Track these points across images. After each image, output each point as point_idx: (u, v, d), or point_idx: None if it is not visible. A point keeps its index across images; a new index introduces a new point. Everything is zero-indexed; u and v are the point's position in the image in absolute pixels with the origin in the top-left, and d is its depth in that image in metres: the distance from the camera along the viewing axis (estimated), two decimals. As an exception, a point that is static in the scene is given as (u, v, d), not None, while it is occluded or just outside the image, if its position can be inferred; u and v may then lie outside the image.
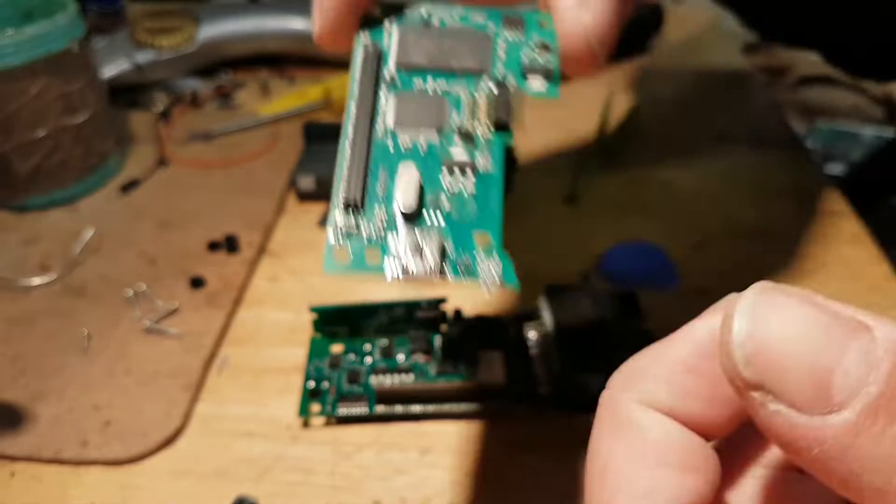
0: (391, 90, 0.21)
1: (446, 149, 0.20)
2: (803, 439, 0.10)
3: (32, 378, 0.32)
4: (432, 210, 0.19)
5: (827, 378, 0.10)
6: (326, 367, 0.32)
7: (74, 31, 0.41)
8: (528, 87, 0.21)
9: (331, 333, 0.33)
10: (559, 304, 0.32)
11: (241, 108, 0.56)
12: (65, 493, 0.28)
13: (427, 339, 0.32)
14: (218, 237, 0.40)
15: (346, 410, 0.30)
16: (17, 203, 0.43)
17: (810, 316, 0.10)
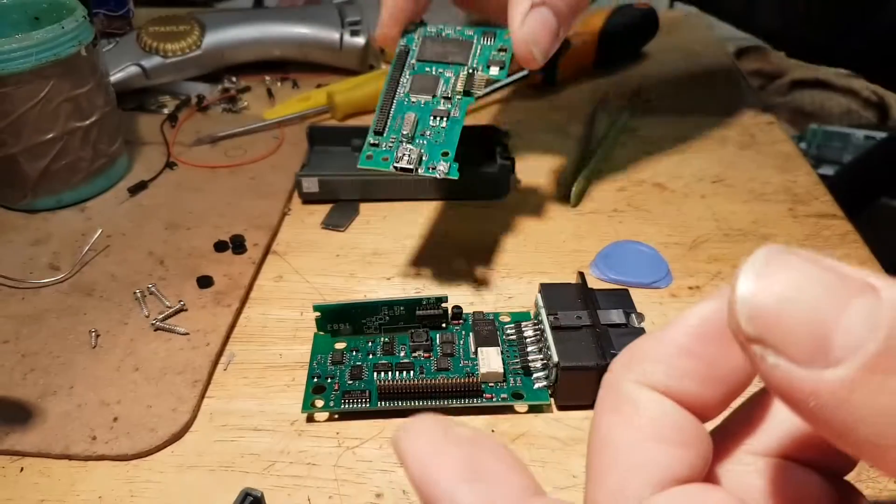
0: (410, 73, 0.36)
1: (436, 105, 0.35)
2: (801, 392, 0.11)
3: (42, 375, 0.33)
4: (420, 137, 0.34)
5: (826, 334, 0.10)
6: (330, 364, 0.32)
7: (82, 35, 0.42)
8: (488, 72, 0.36)
9: (334, 331, 0.34)
10: (554, 301, 0.32)
11: (246, 111, 0.56)
12: (73, 488, 0.28)
13: (428, 336, 0.33)
14: (224, 238, 0.41)
15: (348, 406, 0.30)
16: (27, 204, 0.44)
17: (813, 274, 0.11)
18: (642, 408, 0.13)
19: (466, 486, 0.12)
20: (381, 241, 0.42)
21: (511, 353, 0.32)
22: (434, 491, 0.12)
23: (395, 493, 0.28)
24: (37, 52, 0.40)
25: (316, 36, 0.59)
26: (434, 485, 0.12)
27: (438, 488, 0.12)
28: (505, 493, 0.12)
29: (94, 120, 0.44)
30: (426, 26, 0.38)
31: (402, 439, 0.13)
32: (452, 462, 0.13)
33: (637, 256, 0.39)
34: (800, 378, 0.11)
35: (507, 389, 0.31)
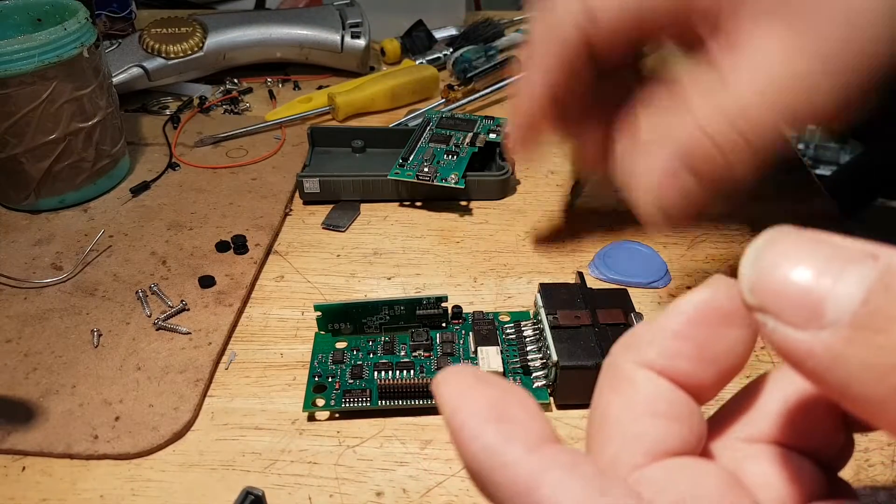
0: (430, 133, 0.48)
1: (448, 148, 0.46)
2: (799, 353, 0.12)
3: (44, 374, 0.33)
4: (436, 163, 0.44)
5: (820, 299, 0.11)
6: (330, 363, 0.33)
7: (85, 37, 0.42)
8: (488, 134, 0.47)
9: (335, 330, 0.34)
10: (554, 301, 0.32)
11: (247, 112, 0.57)
12: (75, 487, 0.28)
13: (428, 335, 0.33)
14: (226, 238, 0.41)
15: (349, 405, 0.31)
16: (30, 205, 0.44)
17: (810, 247, 0.12)
18: (638, 385, 0.14)
19: (491, 425, 0.13)
20: (381, 242, 0.42)
21: (511, 352, 0.33)
22: (462, 428, 0.13)
23: (396, 492, 0.28)
24: (39, 54, 0.40)
25: (317, 38, 0.59)
26: (462, 423, 0.13)
27: (466, 426, 0.13)
28: (525, 435, 0.13)
29: (97, 121, 0.44)
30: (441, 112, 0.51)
31: (439, 382, 0.14)
32: (480, 403, 0.14)
33: (636, 256, 0.39)
34: (796, 340, 0.12)
35: None
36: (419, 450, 0.29)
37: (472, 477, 0.14)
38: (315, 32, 0.59)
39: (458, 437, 0.13)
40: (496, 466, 0.13)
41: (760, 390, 0.16)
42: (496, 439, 0.13)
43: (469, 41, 0.64)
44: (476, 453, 0.13)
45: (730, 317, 0.14)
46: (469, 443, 0.13)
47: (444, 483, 0.28)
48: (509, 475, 0.13)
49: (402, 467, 0.29)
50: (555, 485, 0.12)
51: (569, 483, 0.12)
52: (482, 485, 0.13)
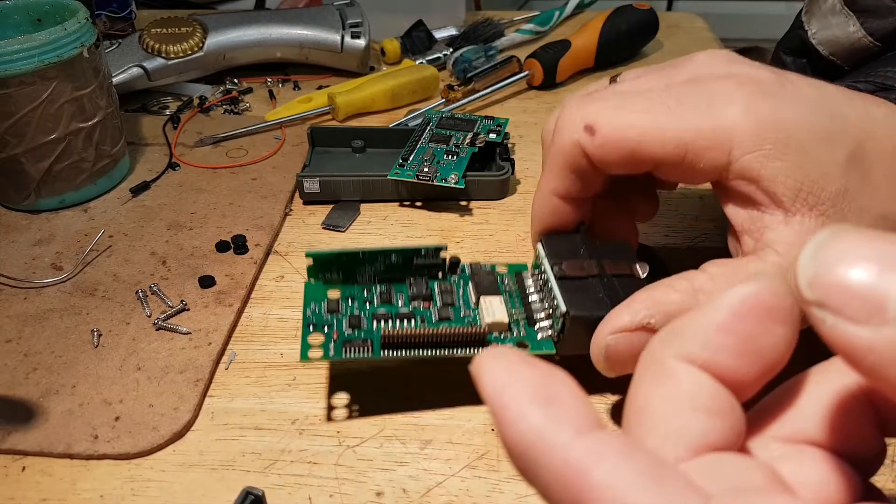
0: (430, 133, 0.48)
1: (448, 148, 0.46)
2: (859, 348, 0.12)
3: (44, 374, 0.33)
4: (436, 163, 0.44)
5: (883, 294, 0.11)
6: (325, 312, 0.31)
7: (85, 37, 0.42)
8: (488, 135, 0.47)
9: (326, 279, 0.32)
10: (557, 252, 0.31)
11: (247, 112, 0.57)
12: (75, 487, 0.28)
13: (427, 285, 0.32)
14: (226, 238, 0.41)
15: (350, 355, 0.29)
16: (30, 205, 0.44)
17: (873, 244, 0.12)
18: (680, 378, 0.14)
19: (537, 407, 0.13)
20: (381, 242, 0.42)
21: (512, 303, 0.32)
22: (506, 410, 0.13)
23: (396, 492, 0.28)
24: (39, 54, 0.40)
25: (317, 38, 0.59)
26: (506, 405, 0.13)
27: (510, 408, 0.13)
28: (575, 419, 0.13)
29: (97, 121, 0.44)
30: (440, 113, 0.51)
31: (481, 364, 0.14)
32: (526, 385, 0.13)
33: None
34: (857, 335, 0.12)
35: (512, 339, 0.30)
36: (419, 450, 0.29)
37: (515, 459, 0.13)
38: (315, 32, 0.59)
39: (503, 417, 0.13)
40: (544, 449, 0.13)
41: (798, 390, 0.16)
42: (544, 421, 0.13)
43: (469, 41, 0.64)
44: (522, 434, 0.13)
45: (774, 313, 0.14)
46: (515, 424, 0.13)
47: (444, 483, 0.28)
48: (558, 459, 0.12)
49: (402, 467, 0.29)
50: (608, 470, 0.12)
51: (624, 470, 0.12)
52: (525, 468, 0.13)
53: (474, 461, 0.29)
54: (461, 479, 0.28)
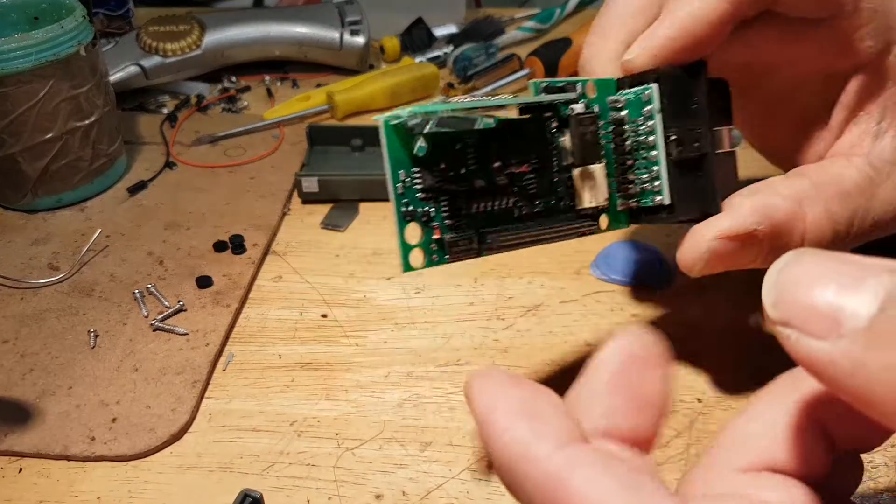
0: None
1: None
2: (821, 362, 0.12)
3: (41, 375, 0.33)
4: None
5: (839, 310, 0.12)
6: (420, 198, 0.24)
7: (82, 35, 0.42)
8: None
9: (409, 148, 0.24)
10: (674, 106, 0.26)
11: (245, 111, 0.56)
12: (71, 489, 0.28)
13: (528, 149, 0.26)
14: (224, 238, 0.41)
15: (456, 255, 0.25)
16: (26, 204, 0.44)
17: (831, 265, 0.13)
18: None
19: (523, 421, 0.14)
20: (380, 242, 0.42)
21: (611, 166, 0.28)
22: (494, 422, 0.14)
23: (395, 495, 0.28)
24: (36, 52, 0.40)
25: (316, 35, 0.59)
26: (494, 417, 0.14)
27: (498, 420, 0.14)
28: (556, 433, 0.14)
29: (94, 120, 0.44)
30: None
31: (471, 383, 0.15)
32: (513, 401, 0.14)
33: (638, 257, 0.39)
34: (819, 349, 0.12)
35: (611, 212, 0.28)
36: (419, 452, 0.29)
37: (500, 470, 0.14)
38: (314, 30, 0.59)
39: (489, 430, 0.14)
40: (526, 460, 0.13)
41: (752, 419, 0.16)
42: (527, 434, 0.14)
43: (469, 39, 0.64)
44: (506, 446, 0.14)
45: (645, 360, 0.15)
46: (500, 435, 0.14)
47: (444, 486, 0.28)
48: (540, 469, 0.13)
49: (401, 469, 0.29)
50: (585, 480, 0.13)
51: (600, 479, 0.13)
52: (510, 478, 0.14)
53: (475, 463, 0.29)
54: (461, 481, 0.28)
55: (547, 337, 0.34)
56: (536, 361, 0.33)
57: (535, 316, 0.36)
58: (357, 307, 0.37)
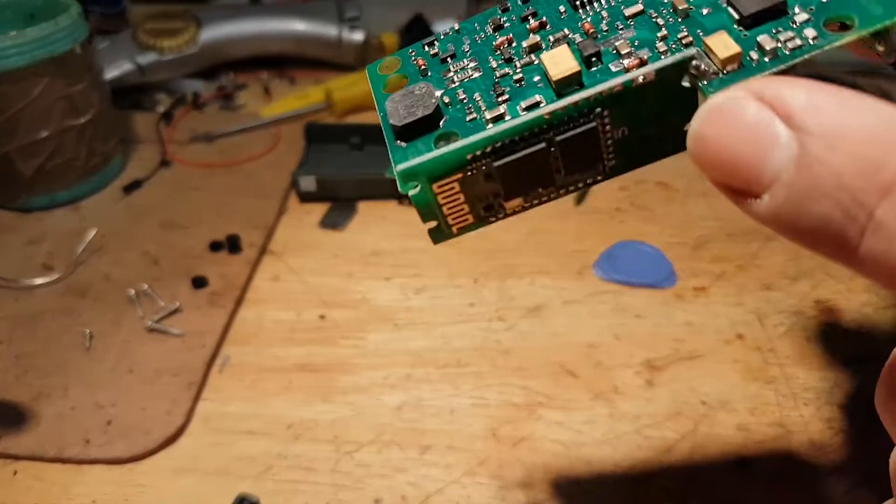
0: None
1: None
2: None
3: (35, 377, 0.32)
4: None
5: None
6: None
7: (77, 32, 0.42)
8: None
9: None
10: None
11: (242, 109, 0.56)
12: (67, 492, 0.28)
13: None
14: (220, 237, 0.40)
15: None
16: (21, 204, 0.44)
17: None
18: None
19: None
20: (379, 241, 0.41)
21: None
22: None
23: (394, 499, 0.27)
24: (31, 50, 0.39)
25: (314, 32, 0.59)
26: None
27: None
28: None
29: (89, 118, 0.43)
30: None
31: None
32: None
33: (641, 256, 0.38)
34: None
35: None
36: (418, 455, 0.29)
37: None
38: (312, 26, 0.59)
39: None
40: None
41: None
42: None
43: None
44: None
45: None
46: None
47: (444, 490, 0.27)
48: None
49: (400, 473, 0.28)
50: None
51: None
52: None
53: (475, 467, 0.28)
54: (461, 485, 0.28)
55: (549, 338, 0.34)
56: (539, 363, 0.33)
57: (536, 316, 0.35)
58: (356, 308, 0.36)
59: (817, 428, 0.29)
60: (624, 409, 0.30)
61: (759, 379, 0.31)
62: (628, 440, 0.29)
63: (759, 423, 0.29)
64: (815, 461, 0.28)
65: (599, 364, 0.32)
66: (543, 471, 0.28)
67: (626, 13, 0.18)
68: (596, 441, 0.29)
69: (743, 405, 0.30)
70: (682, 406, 0.30)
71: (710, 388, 0.31)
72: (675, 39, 0.16)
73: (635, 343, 0.33)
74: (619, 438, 0.29)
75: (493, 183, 0.17)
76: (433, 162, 0.17)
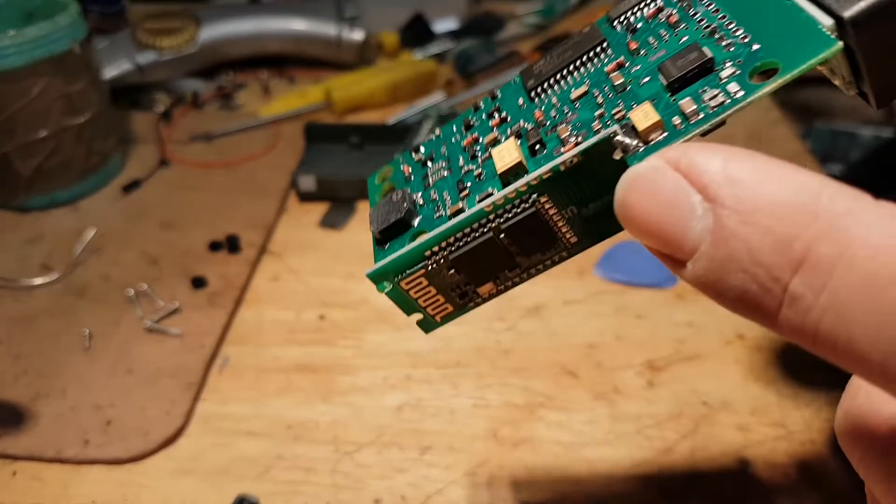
0: None
1: None
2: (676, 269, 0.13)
3: (34, 377, 0.32)
4: None
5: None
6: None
7: (76, 32, 0.42)
8: None
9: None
10: None
11: (241, 108, 0.56)
12: (66, 492, 0.28)
13: None
14: (219, 237, 0.40)
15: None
16: (19, 203, 0.43)
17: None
18: None
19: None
20: (379, 241, 0.41)
21: None
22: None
23: (394, 499, 0.27)
24: (30, 49, 0.39)
25: (313, 31, 0.58)
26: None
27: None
28: None
29: (88, 118, 0.43)
30: None
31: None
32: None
33: (642, 257, 0.38)
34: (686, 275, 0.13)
35: None
36: (418, 456, 0.29)
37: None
38: (311, 25, 0.58)
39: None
40: None
41: None
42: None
43: (470, 34, 0.63)
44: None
45: None
46: None
47: (444, 490, 0.27)
48: None
49: (400, 474, 0.28)
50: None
51: None
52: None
53: (475, 467, 0.28)
54: (461, 486, 0.28)
55: (550, 338, 0.34)
56: (539, 363, 0.33)
57: (537, 317, 0.35)
58: (355, 308, 0.36)
59: (818, 428, 0.29)
60: (625, 409, 0.30)
61: (760, 379, 0.31)
62: (629, 440, 0.29)
63: (759, 424, 0.29)
64: (815, 461, 0.28)
65: (600, 364, 0.32)
66: (544, 471, 0.28)
67: (573, 96, 0.18)
68: (597, 441, 0.29)
69: (744, 405, 0.30)
70: (683, 406, 0.30)
71: (711, 388, 0.31)
72: (610, 116, 0.16)
73: (636, 343, 0.33)
74: (620, 439, 0.29)
75: (457, 274, 0.18)
76: (395, 262, 0.18)
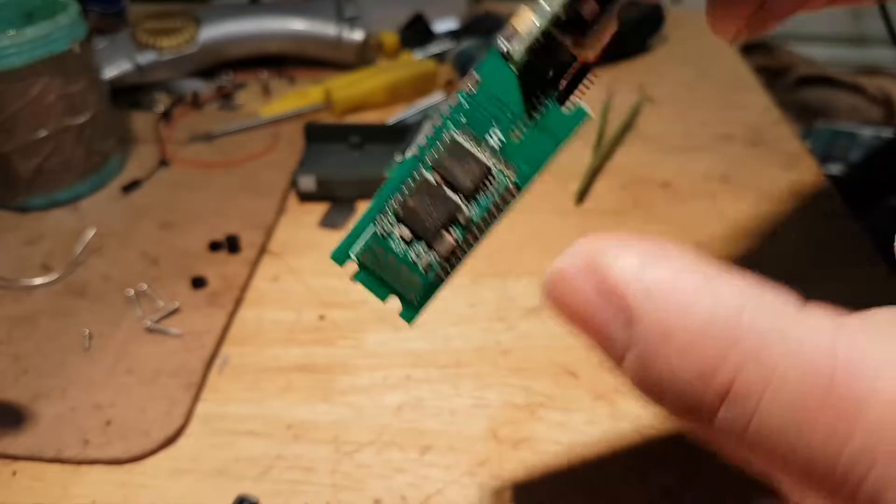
0: None
1: None
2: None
3: (34, 377, 0.32)
4: None
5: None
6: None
7: (76, 31, 0.42)
8: None
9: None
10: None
11: (241, 108, 0.56)
12: (66, 493, 0.28)
13: None
14: (219, 237, 0.40)
15: None
16: (19, 203, 0.43)
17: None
18: None
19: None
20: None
21: None
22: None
23: (394, 499, 0.27)
24: (30, 49, 0.39)
25: (313, 30, 0.59)
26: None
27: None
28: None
29: (88, 118, 0.43)
30: None
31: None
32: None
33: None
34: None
35: None
36: (418, 456, 0.29)
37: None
38: (311, 25, 0.58)
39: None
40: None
41: None
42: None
43: (470, 34, 0.63)
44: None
45: None
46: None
47: (444, 490, 0.27)
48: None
49: (400, 474, 0.28)
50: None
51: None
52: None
53: (475, 468, 0.28)
54: (462, 486, 0.28)
55: (550, 338, 0.34)
56: (540, 363, 0.33)
57: (537, 317, 0.35)
58: (355, 308, 0.36)
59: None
60: (625, 409, 0.30)
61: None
62: (629, 440, 0.29)
63: (759, 424, 0.29)
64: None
65: (600, 364, 0.32)
66: (544, 471, 0.28)
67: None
68: (597, 441, 0.29)
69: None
70: (682, 406, 0.30)
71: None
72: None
73: (636, 343, 0.33)
74: (621, 438, 0.29)
75: (409, 230, 0.19)
76: (351, 235, 0.19)
